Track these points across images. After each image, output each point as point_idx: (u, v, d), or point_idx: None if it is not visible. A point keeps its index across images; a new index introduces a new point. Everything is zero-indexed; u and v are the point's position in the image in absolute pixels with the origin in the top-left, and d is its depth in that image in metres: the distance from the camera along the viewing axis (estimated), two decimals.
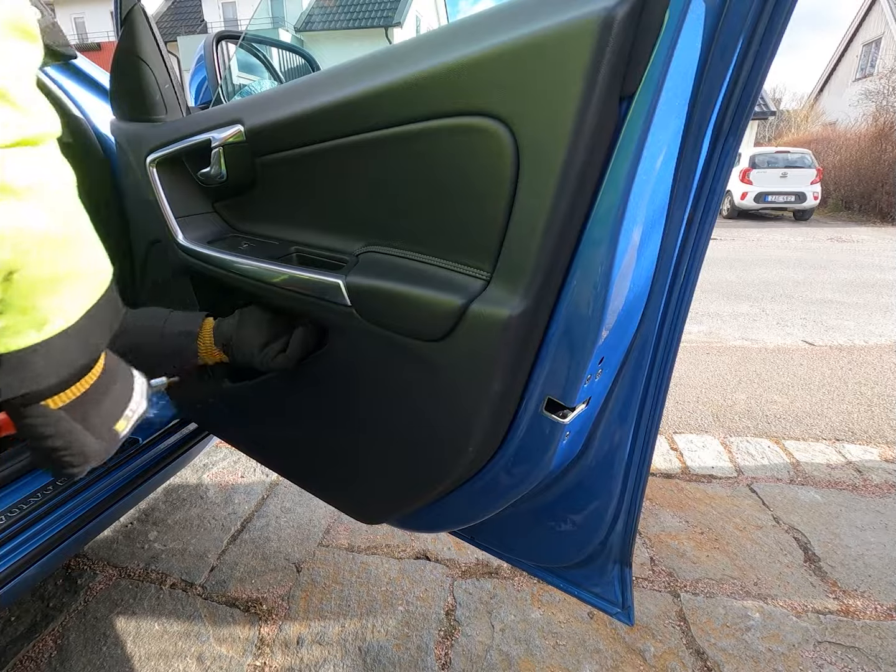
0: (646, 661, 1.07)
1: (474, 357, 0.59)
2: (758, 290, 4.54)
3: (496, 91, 0.51)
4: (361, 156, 0.65)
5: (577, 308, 0.54)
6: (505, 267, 0.56)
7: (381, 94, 0.60)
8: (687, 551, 1.38)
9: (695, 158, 0.52)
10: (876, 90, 13.51)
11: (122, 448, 1.12)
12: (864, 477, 1.72)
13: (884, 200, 10.27)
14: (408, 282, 0.62)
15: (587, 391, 0.59)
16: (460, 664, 1.07)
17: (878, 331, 3.33)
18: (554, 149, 0.48)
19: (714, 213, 0.55)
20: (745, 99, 0.50)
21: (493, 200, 0.54)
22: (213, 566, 1.34)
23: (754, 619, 1.17)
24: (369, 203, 0.68)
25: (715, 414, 2.20)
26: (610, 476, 0.69)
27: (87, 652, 1.10)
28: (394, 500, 0.80)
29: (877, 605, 1.21)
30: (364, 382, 0.75)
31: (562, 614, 1.18)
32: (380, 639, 1.13)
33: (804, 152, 10.44)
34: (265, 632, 1.15)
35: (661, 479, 1.72)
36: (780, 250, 6.82)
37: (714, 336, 3.26)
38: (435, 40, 0.57)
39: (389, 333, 0.66)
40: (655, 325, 0.60)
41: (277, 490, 1.66)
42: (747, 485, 1.68)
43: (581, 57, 0.45)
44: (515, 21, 0.50)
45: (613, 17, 0.43)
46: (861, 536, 1.44)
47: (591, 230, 0.52)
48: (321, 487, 0.92)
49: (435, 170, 0.59)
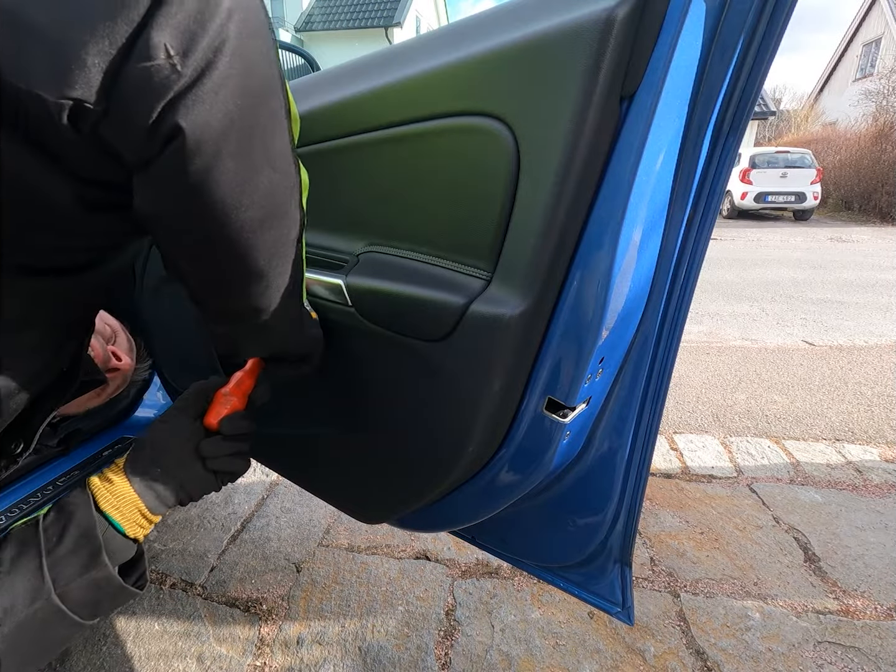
0: (646, 661, 1.07)
1: (475, 357, 0.59)
2: (758, 290, 4.54)
3: (497, 92, 0.51)
4: (362, 156, 0.65)
5: (577, 308, 0.54)
6: (505, 267, 0.56)
7: (382, 95, 0.60)
8: (687, 551, 1.38)
9: (695, 158, 0.52)
10: (876, 90, 13.51)
11: (123, 448, 1.13)
12: (864, 477, 1.72)
13: (884, 200, 10.27)
14: (409, 282, 0.62)
15: (588, 391, 0.59)
16: (460, 664, 1.07)
17: (878, 331, 3.33)
18: (554, 149, 0.48)
19: (714, 213, 0.55)
20: (745, 99, 0.50)
21: (493, 201, 0.54)
22: (213, 566, 1.34)
23: (754, 619, 1.17)
24: (370, 203, 0.68)
25: (715, 414, 2.20)
26: (610, 476, 0.69)
27: (86, 652, 1.10)
28: (394, 499, 0.80)
29: (877, 605, 1.21)
30: (365, 382, 0.75)
31: (562, 614, 1.18)
32: (380, 639, 1.13)
33: (804, 152, 10.44)
34: (265, 632, 1.15)
35: (661, 479, 1.72)
36: (780, 250, 6.82)
37: (714, 336, 3.26)
38: (435, 41, 0.57)
39: (390, 333, 0.66)
40: (655, 325, 0.60)
41: (277, 490, 1.66)
42: (747, 485, 1.68)
43: (581, 57, 0.45)
44: (516, 21, 0.50)
45: (614, 18, 0.43)
46: (861, 536, 1.44)
47: (591, 230, 0.52)
48: (321, 487, 0.92)
49: (436, 170, 0.59)
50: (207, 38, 0.32)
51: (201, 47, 0.31)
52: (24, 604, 0.43)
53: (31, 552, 0.46)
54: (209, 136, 0.34)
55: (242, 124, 0.36)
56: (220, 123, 0.34)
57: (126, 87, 0.31)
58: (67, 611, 0.46)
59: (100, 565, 0.48)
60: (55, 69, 0.29)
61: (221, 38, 0.32)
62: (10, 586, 0.43)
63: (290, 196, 0.44)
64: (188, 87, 0.32)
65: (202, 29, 0.31)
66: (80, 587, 0.47)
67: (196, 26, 0.31)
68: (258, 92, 0.36)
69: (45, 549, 0.46)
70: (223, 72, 0.33)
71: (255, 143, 0.38)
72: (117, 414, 1.20)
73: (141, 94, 0.31)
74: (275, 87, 0.38)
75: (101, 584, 0.48)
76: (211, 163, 0.35)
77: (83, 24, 0.29)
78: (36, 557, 0.45)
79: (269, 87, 0.38)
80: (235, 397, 0.61)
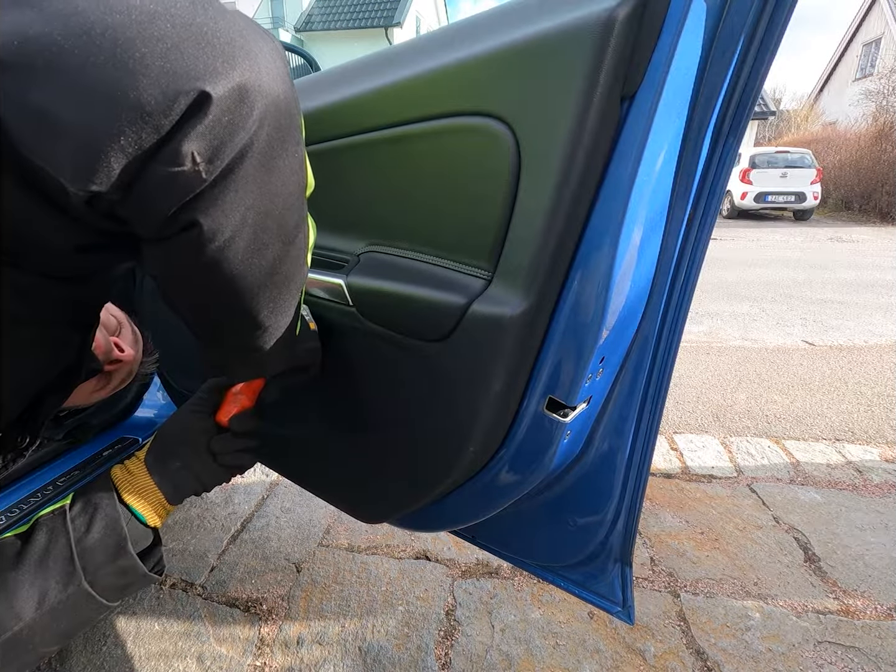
0: (646, 661, 1.07)
1: (475, 356, 0.59)
2: (758, 290, 4.54)
3: (497, 92, 0.51)
4: (363, 156, 0.65)
5: (578, 307, 0.54)
6: (506, 267, 0.56)
7: (383, 95, 0.60)
8: (687, 551, 1.38)
9: (695, 158, 0.52)
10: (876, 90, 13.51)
11: (123, 448, 1.13)
12: (864, 477, 1.73)
13: (884, 200, 10.28)
14: (409, 282, 0.62)
15: (588, 390, 0.59)
16: (460, 664, 1.07)
17: (878, 331, 3.33)
18: (555, 149, 0.48)
19: (714, 213, 0.55)
20: (745, 99, 0.50)
21: (494, 200, 0.54)
22: (213, 566, 1.34)
23: (754, 619, 1.17)
24: (371, 203, 0.68)
25: (715, 414, 2.20)
26: (610, 475, 0.69)
27: (86, 652, 1.10)
28: (394, 499, 0.80)
29: (877, 605, 1.21)
30: (365, 382, 0.75)
31: (562, 614, 1.18)
32: (380, 639, 1.13)
33: (804, 152, 10.44)
34: (265, 632, 1.15)
35: (661, 479, 1.72)
36: (779, 250, 6.82)
37: (714, 336, 3.26)
38: (436, 41, 0.57)
39: (391, 333, 0.66)
40: (656, 325, 0.60)
41: (277, 490, 1.66)
42: (747, 485, 1.68)
43: (582, 57, 0.45)
44: (516, 22, 0.50)
45: (615, 18, 0.43)
46: (861, 536, 1.44)
47: (591, 230, 0.52)
48: (321, 487, 0.92)
49: (437, 170, 0.59)
50: (235, 146, 0.31)
51: (227, 154, 0.31)
52: (57, 589, 0.47)
53: (61, 540, 0.49)
54: (225, 227, 0.34)
55: (259, 215, 0.36)
56: (237, 218, 0.35)
57: (148, 185, 0.31)
58: (96, 595, 0.50)
59: (127, 555, 0.51)
60: (78, 165, 0.29)
61: (249, 145, 0.32)
62: (45, 572, 0.47)
63: (298, 259, 0.44)
64: (209, 188, 0.32)
65: (231, 137, 0.31)
66: (107, 574, 0.50)
67: (225, 134, 0.31)
68: (279, 188, 0.37)
69: (75, 539, 0.49)
70: (246, 174, 0.33)
71: (270, 226, 0.38)
72: (117, 414, 1.20)
73: (162, 192, 0.31)
74: (296, 178, 0.38)
75: (126, 571, 0.52)
76: (223, 247, 0.35)
77: (111, 128, 0.28)
78: (67, 546, 0.49)
79: (291, 179, 0.38)
80: (245, 395, 0.64)
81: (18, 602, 0.45)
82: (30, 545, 0.48)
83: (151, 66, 0.28)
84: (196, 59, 0.29)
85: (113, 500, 0.53)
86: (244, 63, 0.31)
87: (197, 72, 0.29)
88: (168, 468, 0.58)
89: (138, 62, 0.27)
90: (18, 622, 0.45)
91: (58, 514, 0.51)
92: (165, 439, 0.60)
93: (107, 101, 0.28)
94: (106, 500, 0.53)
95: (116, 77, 0.27)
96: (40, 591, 0.46)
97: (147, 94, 0.28)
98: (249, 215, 0.35)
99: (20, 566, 0.46)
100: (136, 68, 0.27)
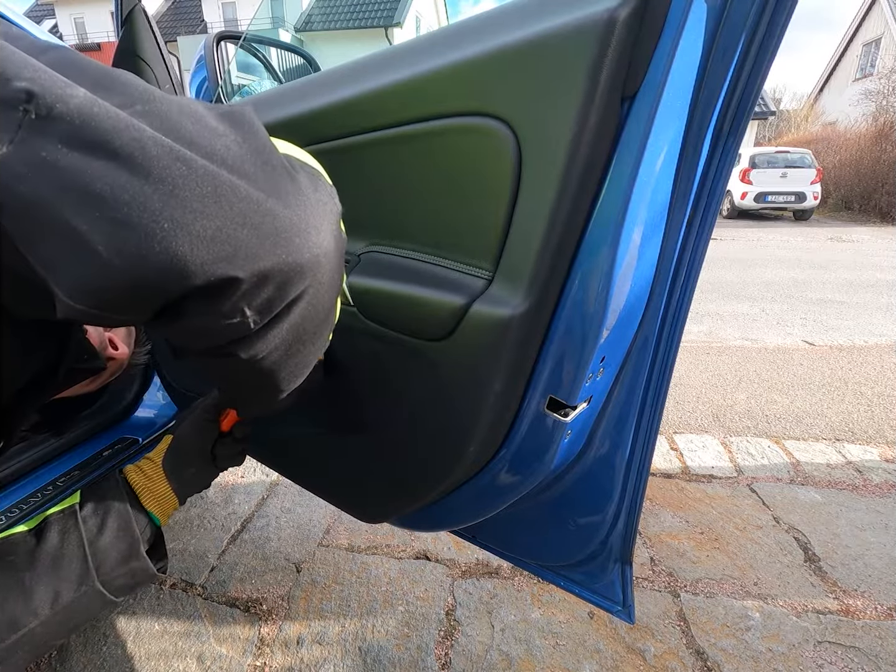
0: (646, 661, 1.07)
1: (476, 356, 0.59)
2: (758, 290, 4.54)
3: (498, 92, 0.51)
4: (363, 156, 0.65)
5: (578, 307, 0.54)
6: (507, 266, 0.56)
7: (383, 95, 0.60)
8: (687, 551, 1.38)
9: (695, 159, 0.52)
10: (876, 90, 13.52)
11: (123, 448, 1.13)
12: (864, 477, 1.73)
13: (884, 200, 10.28)
14: (410, 282, 0.62)
15: (589, 390, 0.59)
16: (460, 664, 1.07)
17: (878, 331, 3.33)
18: (556, 149, 0.48)
19: (714, 214, 0.55)
20: (745, 99, 0.50)
21: (494, 201, 0.54)
22: (213, 566, 1.34)
23: (754, 619, 1.17)
24: (371, 203, 0.68)
25: (715, 414, 2.20)
26: (611, 475, 0.69)
27: (86, 652, 1.10)
28: (395, 499, 0.80)
29: (877, 605, 1.21)
30: (365, 382, 0.75)
31: (562, 614, 1.18)
32: (380, 639, 1.13)
33: (804, 152, 10.45)
34: (265, 632, 1.15)
35: (661, 478, 1.72)
36: (780, 250, 6.82)
37: (714, 336, 3.26)
38: (436, 41, 0.58)
39: (391, 333, 0.66)
40: (656, 325, 0.60)
41: (277, 490, 1.66)
42: (747, 485, 1.68)
43: (583, 58, 0.45)
44: (517, 22, 0.50)
45: (615, 18, 0.44)
46: (861, 536, 1.44)
47: (592, 230, 0.52)
48: (322, 487, 0.92)
49: (437, 170, 0.59)
50: (284, 302, 0.33)
51: (276, 308, 0.33)
52: (71, 588, 0.48)
53: (74, 540, 0.49)
54: (262, 352, 0.35)
55: (296, 338, 0.37)
56: (275, 352, 0.36)
57: (188, 326, 0.32)
58: (107, 594, 0.51)
59: (140, 557, 0.53)
60: (89, 291, 0.28)
61: (296, 298, 0.33)
62: (59, 572, 0.48)
63: (325, 344, 0.45)
64: (254, 333, 0.33)
65: (281, 297, 0.32)
66: (119, 575, 0.52)
67: (276, 295, 0.32)
68: (319, 323, 0.38)
69: (87, 540, 0.50)
70: (290, 320, 0.35)
71: (305, 339, 0.39)
72: (117, 414, 1.20)
73: (206, 335, 0.33)
74: (334, 307, 0.40)
75: (137, 572, 0.53)
76: (256, 362, 0.36)
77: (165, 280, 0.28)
78: (80, 547, 0.49)
79: (330, 311, 0.40)
80: None
81: (35, 601, 0.46)
82: (43, 544, 0.49)
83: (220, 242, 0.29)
84: (262, 243, 0.30)
85: (125, 502, 0.54)
86: (305, 244, 0.32)
87: (264, 251, 0.30)
88: (184, 475, 0.61)
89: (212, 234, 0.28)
90: (34, 619, 0.46)
91: (68, 514, 0.51)
92: (184, 447, 0.63)
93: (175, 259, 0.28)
94: (118, 502, 0.54)
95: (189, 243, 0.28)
96: (55, 591, 0.47)
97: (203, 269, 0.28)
98: (287, 338, 0.36)
99: (35, 566, 0.47)
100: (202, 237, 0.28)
